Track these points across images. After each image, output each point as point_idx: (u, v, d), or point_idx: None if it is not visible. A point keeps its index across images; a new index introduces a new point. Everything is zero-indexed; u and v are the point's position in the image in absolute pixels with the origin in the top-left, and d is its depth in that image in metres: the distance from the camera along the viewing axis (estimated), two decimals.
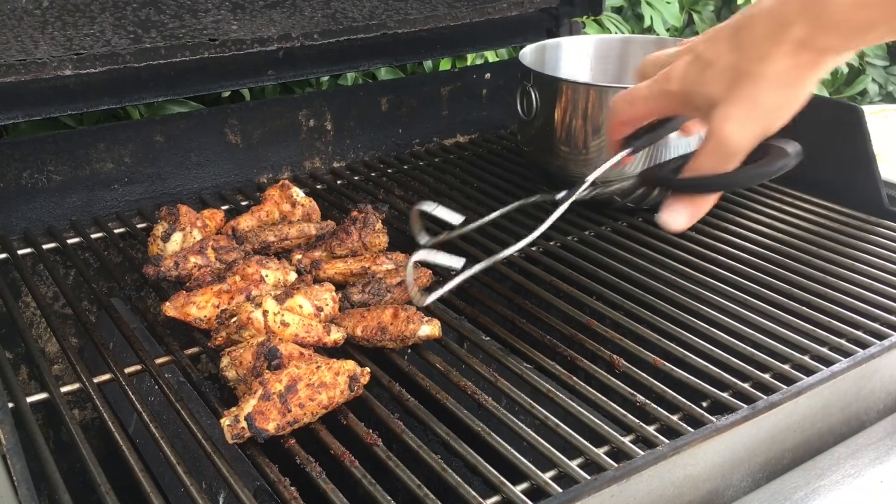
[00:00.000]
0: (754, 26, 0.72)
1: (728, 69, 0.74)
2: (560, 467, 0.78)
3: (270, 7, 1.36)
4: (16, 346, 1.30)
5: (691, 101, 0.78)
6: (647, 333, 0.99)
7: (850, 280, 1.10)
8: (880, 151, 1.34)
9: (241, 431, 0.79)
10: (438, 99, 1.62)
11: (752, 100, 0.72)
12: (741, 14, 0.75)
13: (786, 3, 0.70)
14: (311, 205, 1.23)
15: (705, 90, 0.76)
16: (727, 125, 0.74)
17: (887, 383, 0.97)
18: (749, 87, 0.72)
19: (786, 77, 0.71)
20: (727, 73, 0.74)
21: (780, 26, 0.70)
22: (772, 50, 0.70)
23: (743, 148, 0.75)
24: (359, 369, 0.86)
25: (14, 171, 1.25)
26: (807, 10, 0.68)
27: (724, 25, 0.77)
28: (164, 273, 1.06)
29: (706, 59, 0.76)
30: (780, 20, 0.70)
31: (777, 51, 0.70)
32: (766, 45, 0.71)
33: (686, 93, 0.78)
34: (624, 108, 0.86)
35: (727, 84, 0.74)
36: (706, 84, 0.76)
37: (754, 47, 0.71)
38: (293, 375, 0.82)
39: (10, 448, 0.74)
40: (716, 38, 0.76)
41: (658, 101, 0.82)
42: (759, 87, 0.72)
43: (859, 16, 0.67)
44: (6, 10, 1.15)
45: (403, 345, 0.96)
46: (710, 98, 0.75)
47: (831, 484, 0.86)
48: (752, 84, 0.72)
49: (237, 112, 1.42)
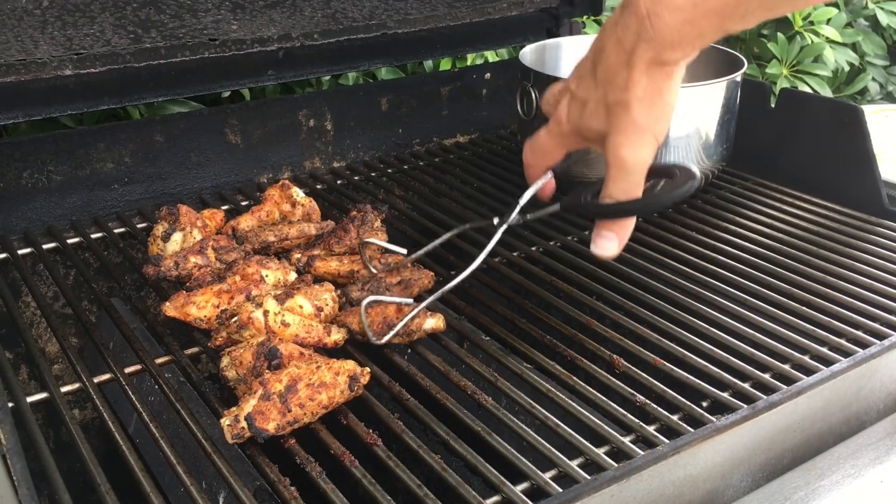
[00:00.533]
0: (607, 58, 0.78)
1: (601, 103, 0.80)
2: (560, 467, 0.78)
3: (270, 7, 1.36)
4: (16, 346, 1.30)
5: (584, 136, 0.84)
6: (647, 333, 0.99)
7: (850, 280, 1.10)
8: (880, 151, 1.34)
9: (241, 431, 0.79)
10: (438, 99, 1.62)
11: (633, 124, 0.78)
12: (593, 46, 0.81)
13: (625, 32, 0.76)
14: (311, 205, 1.23)
15: (591, 125, 0.82)
16: (621, 151, 0.80)
17: (887, 383, 0.97)
18: (624, 115, 0.78)
19: (650, 94, 0.77)
20: (601, 107, 0.80)
21: (628, 53, 0.76)
22: (629, 76, 0.76)
23: (641, 166, 0.81)
24: (359, 369, 0.86)
25: (14, 171, 1.25)
26: (643, 34, 0.74)
27: (583, 59, 0.83)
28: (164, 273, 1.06)
29: (580, 98, 0.83)
30: (625, 47, 0.76)
31: (633, 75, 0.76)
32: (623, 72, 0.77)
33: (576, 131, 0.85)
34: (533, 157, 0.93)
35: (605, 117, 0.80)
36: (589, 120, 0.82)
37: (614, 77, 0.78)
38: (293, 375, 0.82)
39: (10, 448, 0.74)
40: (582, 75, 0.83)
41: (558, 143, 0.89)
42: (632, 112, 0.78)
43: (690, 31, 0.73)
44: (6, 10, 1.15)
45: (409, 339, 0.97)
46: (597, 131, 0.82)
47: (831, 484, 0.86)
48: (625, 111, 0.78)
49: (237, 112, 1.42)
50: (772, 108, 1.40)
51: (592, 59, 0.81)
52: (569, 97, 0.85)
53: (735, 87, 1.28)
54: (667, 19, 0.73)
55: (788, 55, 2.24)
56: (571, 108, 0.85)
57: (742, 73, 1.28)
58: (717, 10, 0.71)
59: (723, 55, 1.36)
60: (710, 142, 1.27)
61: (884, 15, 2.48)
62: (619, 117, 0.79)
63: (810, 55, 2.24)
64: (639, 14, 0.74)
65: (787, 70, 2.23)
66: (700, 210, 1.32)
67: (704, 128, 1.25)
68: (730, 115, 1.29)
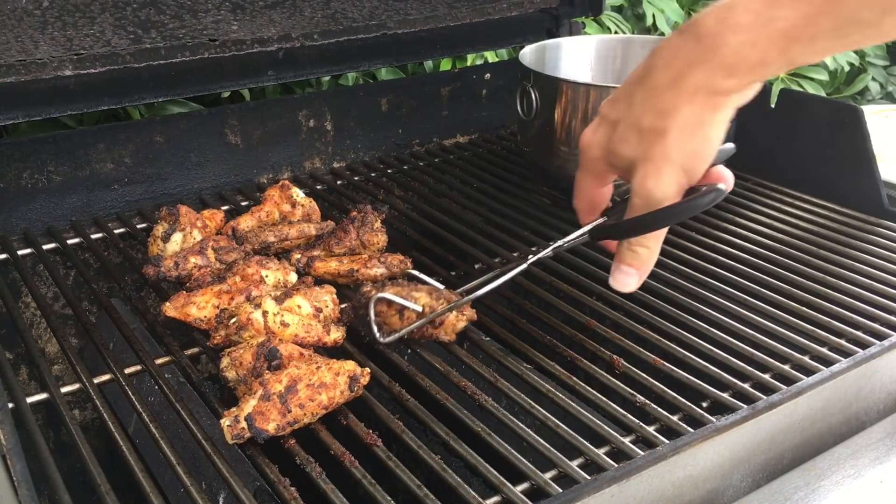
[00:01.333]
0: (652, 78, 0.72)
1: (633, 127, 0.74)
2: (560, 467, 0.78)
3: (270, 7, 1.36)
4: (16, 346, 1.30)
5: (612, 162, 0.78)
6: (647, 333, 0.99)
7: (850, 280, 1.10)
8: (880, 151, 1.34)
9: (241, 432, 0.79)
10: (438, 99, 1.62)
11: (664, 155, 0.72)
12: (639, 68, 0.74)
13: (679, 51, 0.69)
14: (311, 205, 1.23)
15: (619, 150, 0.76)
16: (647, 182, 0.74)
17: (887, 383, 0.97)
18: (658, 143, 0.72)
19: (692, 125, 0.71)
20: (633, 131, 0.74)
21: (677, 75, 0.69)
22: (671, 101, 0.70)
23: (666, 200, 0.75)
24: (359, 369, 0.86)
25: (14, 171, 1.25)
26: (700, 55, 0.68)
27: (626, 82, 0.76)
28: (164, 273, 1.06)
29: (612, 119, 0.76)
30: (676, 69, 0.70)
31: (676, 101, 0.70)
32: (666, 96, 0.70)
33: (605, 156, 0.78)
34: (578, 202, 0.86)
35: (636, 142, 0.74)
36: (618, 144, 0.76)
37: (656, 99, 0.71)
38: (293, 376, 0.82)
39: (10, 448, 0.74)
40: (619, 98, 0.76)
41: (590, 174, 0.82)
42: (666, 142, 0.72)
43: (752, 54, 0.67)
44: (6, 10, 1.15)
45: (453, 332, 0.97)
46: (626, 158, 0.75)
47: (831, 484, 0.86)
48: (659, 140, 0.72)
49: (237, 112, 1.42)
50: (771, 109, 1.40)
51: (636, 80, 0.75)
52: (598, 120, 0.79)
53: None
54: (729, 40, 0.66)
55: None
56: (599, 132, 0.78)
57: None
58: (785, 32, 0.65)
59: None
60: None
61: None
62: (652, 145, 0.73)
63: None
64: (698, 35, 0.68)
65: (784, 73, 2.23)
66: None
67: None
68: None
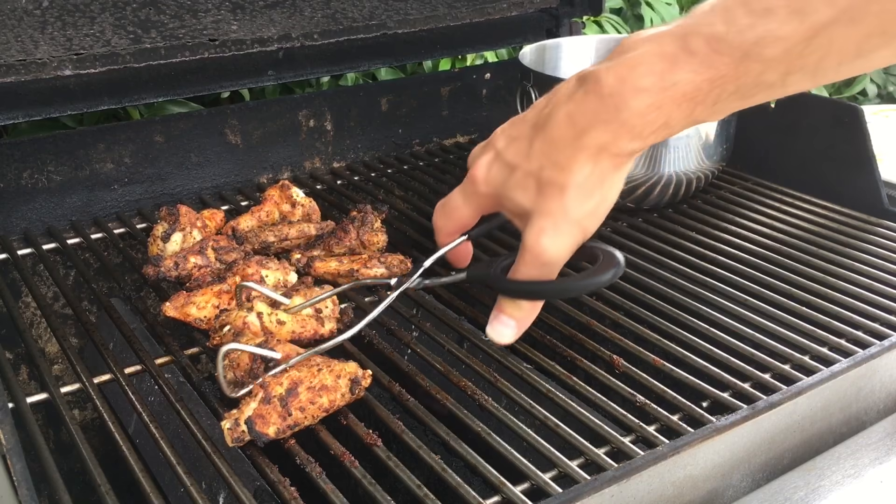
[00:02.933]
0: (553, 129, 0.70)
1: (532, 176, 0.72)
2: (560, 467, 0.78)
3: (270, 7, 1.36)
4: (16, 346, 1.30)
5: (503, 204, 0.76)
6: (647, 333, 0.99)
7: (850, 280, 1.10)
8: (880, 151, 1.34)
9: (241, 435, 0.79)
10: (438, 99, 1.62)
11: (562, 211, 0.71)
12: (538, 111, 0.72)
13: (581, 108, 0.68)
14: (311, 205, 1.23)
15: (513, 196, 0.74)
16: (542, 238, 0.72)
17: (887, 383, 0.97)
18: (556, 199, 0.70)
19: (591, 183, 0.69)
20: (531, 180, 0.72)
21: (580, 132, 0.68)
22: (573, 157, 0.68)
23: (559, 259, 0.74)
24: (360, 371, 0.86)
25: (14, 171, 1.25)
26: (601, 115, 0.66)
27: (523, 119, 0.74)
28: (164, 273, 1.06)
29: (508, 161, 0.74)
30: (579, 125, 0.68)
31: (578, 157, 0.68)
32: (567, 151, 0.69)
33: (496, 195, 0.76)
34: (443, 219, 0.84)
35: (534, 193, 0.72)
36: (513, 190, 0.74)
37: (557, 153, 0.69)
38: (294, 378, 0.82)
39: (10, 448, 0.74)
40: (517, 136, 0.73)
41: (471, 205, 0.80)
42: (566, 198, 0.70)
43: (657, 118, 0.66)
44: (6, 10, 1.15)
45: None
46: (519, 205, 0.74)
47: (831, 484, 0.86)
48: (558, 195, 0.70)
49: (237, 112, 1.42)
50: (772, 108, 1.40)
51: (534, 123, 0.72)
52: (493, 155, 0.76)
53: None
54: (631, 103, 0.65)
55: None
56: (493, 169, 0.76)
57: None
58: (688, 95, 0.64)
59: None
60: (710, 142, 1.27)
61: None
62: (549, 199, 0.71)
63: None
64: (600, 93, 0.66)
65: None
66: (700, 210, 1.32)
67: (704, 128, 1.25)
68: (730, 115, 1.29)
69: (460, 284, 0.97)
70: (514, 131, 0.75)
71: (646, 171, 1.24)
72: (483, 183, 0.77)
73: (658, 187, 1.26)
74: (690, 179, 1.28)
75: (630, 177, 0.91)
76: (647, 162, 1.23)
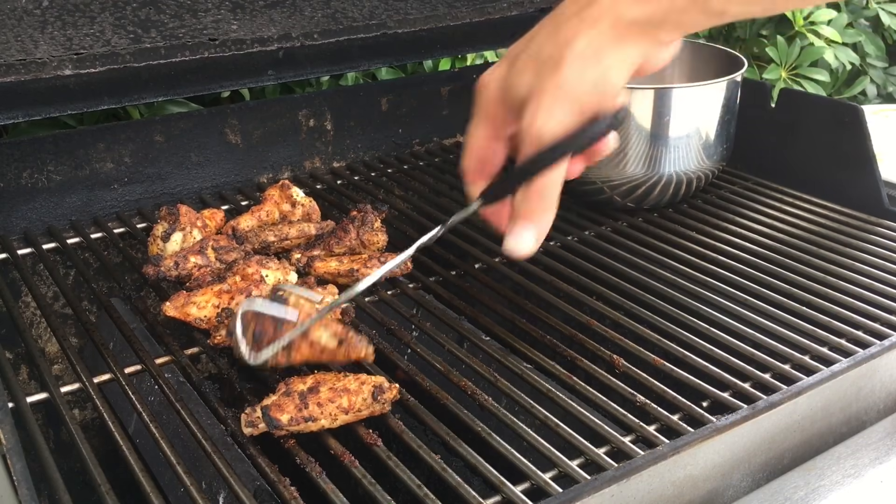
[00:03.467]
0: (561, 8, 0.69)
1: (531, 58, 0.69)
2: (560, 467, 0.78)
3: (270, 7, 1.36)
4: (16, 346, 1.30)
5: (508, 102, 0.73)
6: (647, 333, 0.99)
7: (850, 280, 1.10)
8: (880, 151, 1.34)
9: (255, 420, 0.80)
10: (438, 99, 1.62)
11: (556, 86, 0.67)
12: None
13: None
14: (311, 205, 1.23)
15: (515, 84, 0.71)
16: (537, 117, 0.68)
17: (887, 383, 0.97)
18: (552, 75, 0.67)
19: (588, 54, 0.66)
20: (531, 62, 0.69)
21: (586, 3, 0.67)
22: (575, 28, 0.67)
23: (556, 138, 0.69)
24: (387, 384, 0.85)
25: (14, 171, 1.25)
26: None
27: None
28: (164, 273, 1.06)
29: (511, 54, 0.72)
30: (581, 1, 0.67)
31: (579, 28, 0.67)
32: (571, 23, 0.67)
33: (502, 94, 0.73)
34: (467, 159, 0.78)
35: (532, 75, 0.69)
36: (515, 77, 0.71)
37: (558, 29, 0.68)
38: (318, 378, 0.83)
39: (10, 448, 0.74)
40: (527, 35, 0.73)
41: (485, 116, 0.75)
42: (561, 72, 0.67)
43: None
44: (6, 10, 1.15)
45: None
46: (520, 93, 0.70)
47: (831, 484, 0.86)
48: (554, 70, 0.67)
49: (237, 112, 1.42)
50: (772, 108, 1.40)
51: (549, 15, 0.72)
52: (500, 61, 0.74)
53: (735, 87, 1.28)
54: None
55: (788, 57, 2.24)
56: (498, 68, 0.74)
57: (742, 73, 1.28)
58: None
59: (723, 55, 1.36)
60: (711, 142, 1.27)
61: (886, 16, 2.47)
62: (545, 77, 0.68)
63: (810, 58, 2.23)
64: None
65: (786, 73, 2.22)
66: (700, 210, 1.32)
67: (704, 128, 1.25)
68: (730, 115, 1.29)
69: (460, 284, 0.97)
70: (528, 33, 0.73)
71: (646, 171, 1.24)
72: (486, 87, 0.74)
73: (658, 187, 1.26)
74: (690, 179, 1.28)
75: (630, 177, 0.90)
76: (647, 162, 1.23)
